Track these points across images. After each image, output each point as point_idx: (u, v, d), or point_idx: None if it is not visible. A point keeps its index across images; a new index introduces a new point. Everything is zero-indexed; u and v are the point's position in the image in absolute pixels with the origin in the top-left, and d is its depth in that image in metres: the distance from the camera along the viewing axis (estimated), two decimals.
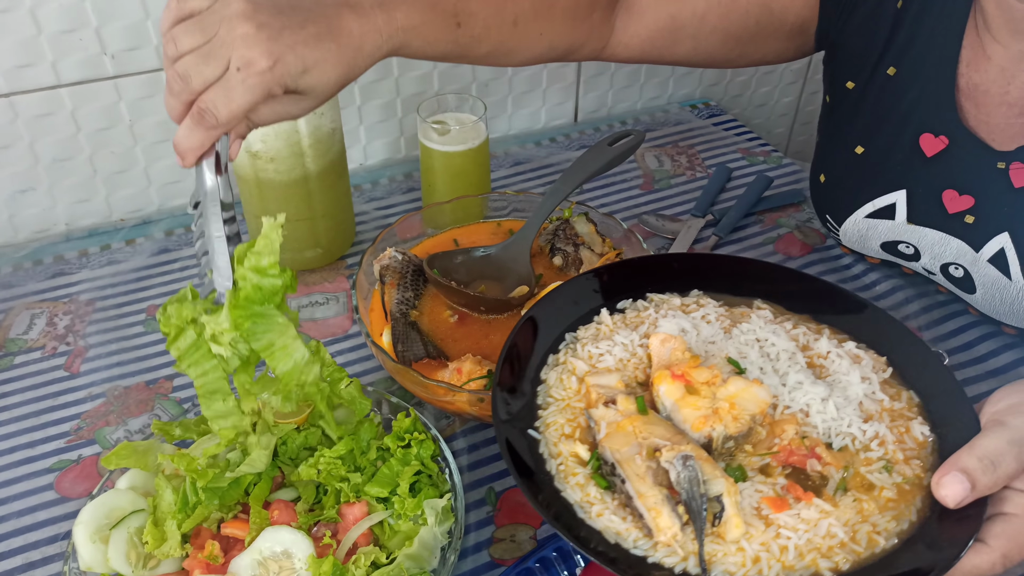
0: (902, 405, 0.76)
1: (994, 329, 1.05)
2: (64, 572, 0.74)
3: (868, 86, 0.98)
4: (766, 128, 1.75)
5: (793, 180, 1.35)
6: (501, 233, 1.09)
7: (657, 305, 0.85)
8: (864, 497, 0.67)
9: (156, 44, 1.14)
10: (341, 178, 1.11)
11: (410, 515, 0.77)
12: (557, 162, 1.39)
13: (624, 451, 0.66)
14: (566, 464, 0.69)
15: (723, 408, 0.69)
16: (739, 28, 1.01)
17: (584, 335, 0.82)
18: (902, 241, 1.01)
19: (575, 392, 0.75)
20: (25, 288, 1.13)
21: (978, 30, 0.89)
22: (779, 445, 0.70)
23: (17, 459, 0.91)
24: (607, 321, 0.83)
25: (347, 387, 0.85)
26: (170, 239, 1.22)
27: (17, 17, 1.06)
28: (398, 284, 0.98)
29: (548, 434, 0.72)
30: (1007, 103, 0.88)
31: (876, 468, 0.69)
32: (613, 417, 0.70)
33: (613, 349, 0.78)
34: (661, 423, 0.70)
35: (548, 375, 0.78)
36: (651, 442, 0.67)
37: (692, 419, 0.69)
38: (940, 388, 0.76)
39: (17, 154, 1.15)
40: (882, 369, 0.79)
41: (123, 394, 0.98)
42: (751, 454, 0.70)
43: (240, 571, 0.72)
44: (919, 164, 0.95)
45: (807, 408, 0.73)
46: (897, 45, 0.94)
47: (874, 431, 0.72)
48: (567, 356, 0.79)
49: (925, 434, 0.73)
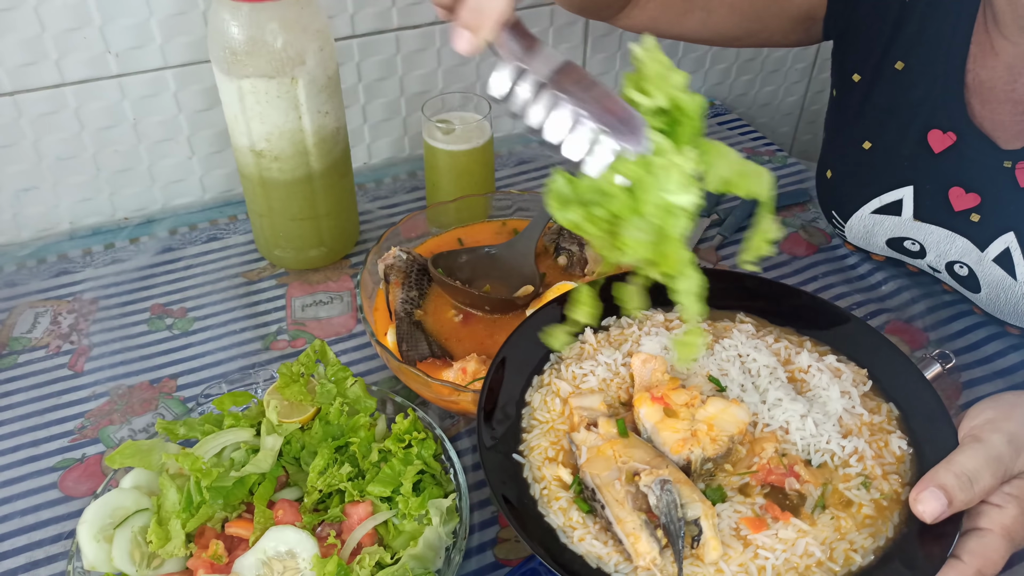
0: (881, 419, 0.76)
1: (1000, 330, 1.04)
2: (68, 571, 0.73)
3: (875, 80, 0.98)
4: (771, 127, 1.75)
5: (798, 180, 1.34)
6: (505, 232, 1.09)
7: (641, 322, 0.85)
8: (842, 514, 0.68)
9: (160, 43, 1.14)
10: (345, 177, 1.11)
11: (414, 515, 0.76)
12: (562, 161, 1.39)
13: (604, 476, 0.67)
14: (549, 488, 0.70)
15: (701, 430, 0.70)
16: (746, 2, 1.02)
17: (568, 355, 0.82)
18: (908, 238, 1.01)
19: (559, 414, 0.76)
20: (29, 287, 1.13)
21: (987, 26, 0.89)
22: (758, 464, 0.70)
23: (21, 458, 0.91)
24: (591, 340, 0.83)
25: (352, 386, 0.86)
26: (174, 237, 1.22)
27: (21, 15, 1.06)
28: (402, 283, 0.98)
29: (532, 458, 0.73)
30: (1013, 100, 0.88)
31: (854, 484, 0.70)
32: (594, 441, 0.71)
33: (596, 369, 0.79)
34: (641, 445, 0.71)
35: (533, 397, 0.78)
36: (631, 466, 0.68)
37: (671, 442, 0.70)
38: (920, 401, 0.76)
39: (21, 152, 1.15)
40: (862, 382, 0.79)
41: (127, 393, 0.98)
42: (731, 473, 0.71)
43: (244, 570, 0.72)
44: (926, 160, 0.95)
45: (786, 425, 0.74)
46: (905, 39, 0.94)
47: (853, 446, 0.72)
48: (551, 377, 0.80)
49: (903, 448, 0.73)
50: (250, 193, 1.09)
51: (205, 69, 1.18)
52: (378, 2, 1.23)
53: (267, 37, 0.93)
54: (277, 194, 1.06)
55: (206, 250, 1.19)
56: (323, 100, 1.00)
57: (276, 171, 1.03)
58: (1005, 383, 0.98)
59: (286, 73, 0.95)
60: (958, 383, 0.98)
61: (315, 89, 0.98)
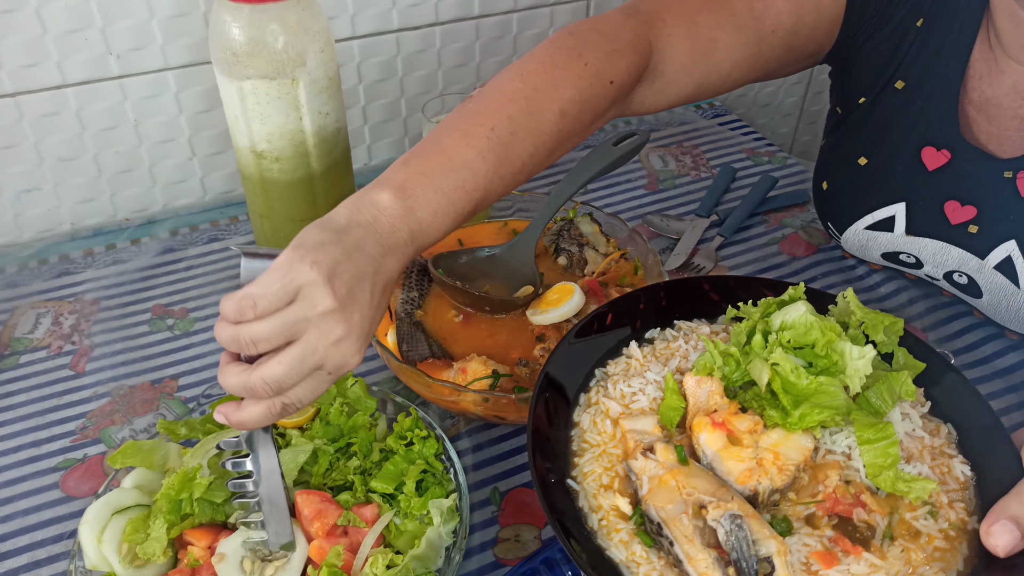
0: (941, 441, 0.72)
1: (999, 330, 1.05)
2: (71, 570, 0.74)
3: (877, 99, 0.98)
4: (771, 128, 1.75)
5: (798, 180, 1.35)
6: (506, 233, 1.09)
7: (686, 334, 0.80)
8: (911, 546, 0.65)
9: (161, 44, 1.14)
10: (345, 178, 1.11)
11: (417, 515, 0.77)
12: (562, 162, 1.39)
13: (669, 509, 0.64)
14: (608, 519, 0.66)
15: (767, 459, 0.67)
16: (760, 74, 0.97)
17: (614, 370, 0.77)
18: (902, 252, 1.01)
19: (610, 437, 0.72)
20: (30, 287, 1.13)
21: (991, 44, 0.88)
22: (823, 492, 0.67)
23: (23, 458, 0.91)
24: (636, 354, 0.78)
25: (352, 386, 0.86)
26: (175, 238, 1.22)
27: (23, 17, 1.06)
28: (403, 284, 0.98)
29: (586, 485, 0.69)
30: (1020, 116, 0.88)
31: (922, 513, 0.67)
32: (655, 471, 0.67)
33: (646, 388, 0.75)
34: (704, 475, 0.67)
35: (581, 417, 0.74)
36: (696, 498, 0.64)
37: (736, 472, 0.66)
38: (976, 419, 0.72)
39: (22, 153, 1.16)
40: (920, 403, 0.75)
41: (128, 393, 0.99)
42: (796, 503, 0.67)
43: (229, 552, 0.72)
44: (920, 177, 0.95)
45: (848, 451, 0.70)
46: (908, 58, 0.93)
47: (917, 472, 0.69)
48: (599, 396, 0.75)
49: (966, 474, 0.70)
50: (251, 194, 1.09)
51: (206, 70, 1.19)
52: (378, 3, 1.23)
53: (268, 38, 0.93)
54: (278, 195, 1.06)
55: (207, 251, 1.20)
56: (324, 101, 1.01)
57: (277, 172, 1.04)
58: (1004, 383, 0.98)
59: (287, 74, 0.95)
60: None
61: (316, 90, 0.99)
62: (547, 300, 0.95)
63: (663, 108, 0.96)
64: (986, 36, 0.89)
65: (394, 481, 0.78)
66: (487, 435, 0.94)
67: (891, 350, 0.75)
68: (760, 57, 0.94)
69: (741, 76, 0.95)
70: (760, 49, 0.93)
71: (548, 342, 0.92)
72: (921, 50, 0.92)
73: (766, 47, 0.93)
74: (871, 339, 0.73)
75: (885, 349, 0.74)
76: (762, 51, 0.93)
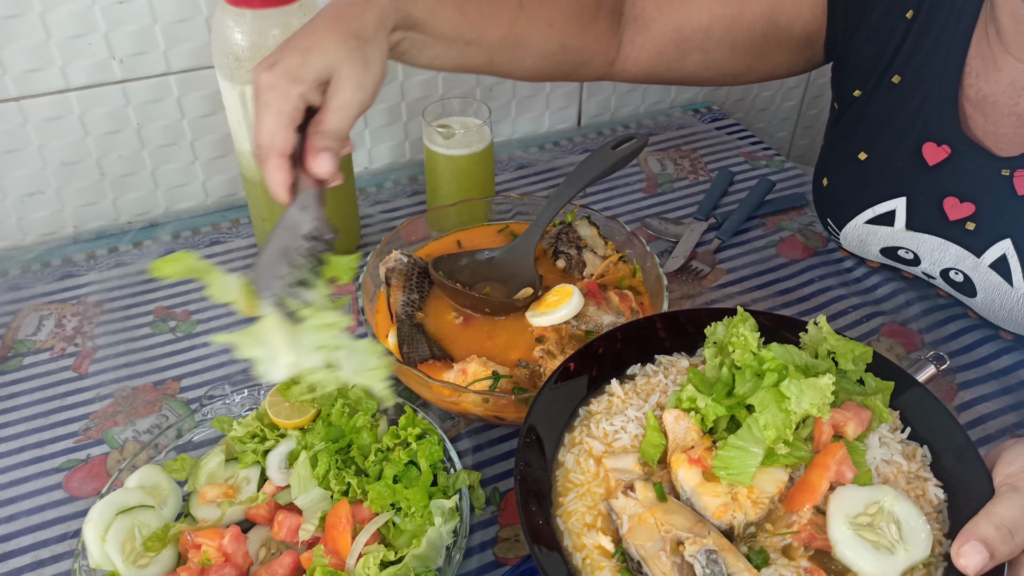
0: (917, 465, 0.73)
1: (994, 332, 1.05)
2: (75, 569, 0.75)
3: (874, 93, 0.99)
4: (768, 132, 1.76)
5: (795, 184, 1.36)
6: (505, 236, 1.10)
7: (666, 368, 0.81)
8: None
9: (164, 49, 1.15)
10: (346, 181, 1.12)
11: (418, 514, 0.77)
12: (561, 166, 1.40)
13: (648, 547, 0.65)
14: (591, 557, 0.67)
15: (742, 494, 0.68)
16: (745, 40, 1.01)
17: (597, 409, 0.78)
18: (901, 247, 1.02)
19: (594, 476, 0.73)
20: (33, 290, 1.14)
21: (989, 41, 0.89)
22: (798, 523, 0.68)
23: (26, 459, 0.92)
24: (618, 392, 0.79)
25: (353, 387, 0.87)
26: (177, 242, 1.23)
27: (27, 22, 1.07)
28: (403, 286, 0.99)
29: (570, 524, 0.70)
30: (1016, 113, 0.88)
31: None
32: (634, 509, 0.68)
33: (627, 425, 0.75)
34: (681, 511, 0.68)
35: (565, 457, 0.75)
36: (674, 535, 0.65)
37: (712, 507, 0.67)
38: (948, 440, 0.73)
39: (26, 157, 1.17)
40: (897, 427, 0.76)
41: (131, 395, 0.99)
42: (772, 533, 0.68)
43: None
44: (920, 172, 0.96)
45: None
46: (903, 53, 0.94)
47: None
48: (582, 435, 0.76)
49: (940, 496, 0.70)
50: (252, 197, 1.10)
51: (208, 75, 1.20)
52: None
53: (270, 43, 0.94)
54: None
55: (209, 254, 1.21)
56: None
57: None
58: (999, 384, 0.99)
59: None
60: (953, 384, 1.00)
61: None
62: (546, 302, 0.96)
63: (648, 57, 1.02)
64: (983, 33, 0.89)
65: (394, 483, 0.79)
66: (487, 436, 0.95)
67: (859, 377, 0.75)
68: (742, 22, 0.99)
69: (722, 36, 1.01)
70: (742, 10, 0.99)
71: (547, 343, 0.92)
72: (916, 45, 0.93)
73: (748, 14, 0.99)
74: (840, 366, 0.74)
75: (854, 376, 0.75)
76: (744, 15, 0.99)
